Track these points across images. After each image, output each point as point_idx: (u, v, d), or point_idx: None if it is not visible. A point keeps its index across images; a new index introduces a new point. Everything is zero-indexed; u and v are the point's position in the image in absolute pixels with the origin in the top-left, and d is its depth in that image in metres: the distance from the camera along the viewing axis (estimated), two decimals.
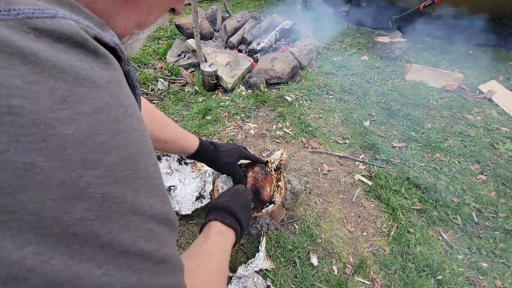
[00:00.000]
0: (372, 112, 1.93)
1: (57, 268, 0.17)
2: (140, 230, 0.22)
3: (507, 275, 1.07)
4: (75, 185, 0.18)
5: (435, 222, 1.25)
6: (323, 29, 3.35)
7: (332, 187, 1.38)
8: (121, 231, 0.20)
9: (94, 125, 0.19)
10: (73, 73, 0.18)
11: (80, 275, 0.18)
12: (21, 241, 0.16)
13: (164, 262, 0.24)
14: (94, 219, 0.19)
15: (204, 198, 1.19)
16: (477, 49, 3.07)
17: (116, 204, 0.20)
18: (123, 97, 0.22)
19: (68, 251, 0.18)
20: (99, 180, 0.19)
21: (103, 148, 0.19)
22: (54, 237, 0.17)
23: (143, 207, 0.22)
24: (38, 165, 0.16)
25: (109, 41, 0.23)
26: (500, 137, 1.77)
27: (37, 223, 0.16)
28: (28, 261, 0.16)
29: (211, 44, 2.43)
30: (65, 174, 0.17)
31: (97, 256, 0.19)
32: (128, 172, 0.21)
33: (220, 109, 1.87)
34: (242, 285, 0.95)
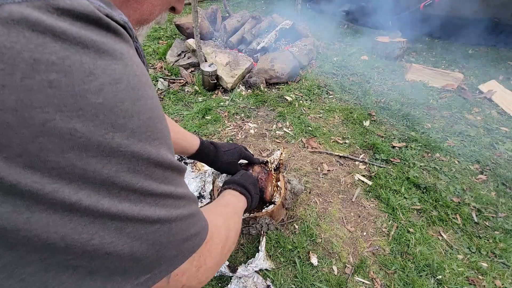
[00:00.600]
0: (372, 112, 1.93)
1: (105, 206, 0.22)
2: (160, 177, 0.27)
3: (507, 275, 1.07)
4: (109, 145, 0.21)
5: (435, 222, 1.25)
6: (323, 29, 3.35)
7: (332, 187, 1.38)
8: (147, 179, 0.25)
9: (117, 94, 0.22)
10: (94, 47, 0.21)
11: (125, 211, 0.23)
12: (74, 187, 0.20)
13: (181, 197, 0.30)
14: (126, 171, 0.23)
15: (204, 198, 1.19)
16: (477, 49, 3.07)
17: (141, 159, 0.24)
18: (135, 67, 0.24)
19: (110, 194, 0.22)
20: (127, 140, 0.23)
21: (127, 113, 0.23)
22: (98, 184, 0.21)
23: (163, 160, 0.27)
24: (79, 130, 0.19)
25: (119, 19, 0.25)
26: (500, 137, 1.77)
27: (84, 174, 0.20)
28: (83, 201, 0.21)
29: (211, 44, 2.43)
30: (100, 136, 0.21)
31: (132, 197, 0.24)
32: (149, 133, 0.25)
33: (220, 109, 1.87)
34: (242, 285, 0.95)
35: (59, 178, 0.19)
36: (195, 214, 0.34)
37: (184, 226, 0.31)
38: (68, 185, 0.20)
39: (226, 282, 0.98)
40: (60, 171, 0.19)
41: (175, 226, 0.29)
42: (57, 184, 0.19)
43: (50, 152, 0.19)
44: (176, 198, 0.30)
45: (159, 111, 0.27)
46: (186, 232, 0.32)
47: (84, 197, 0.21)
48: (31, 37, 0.18)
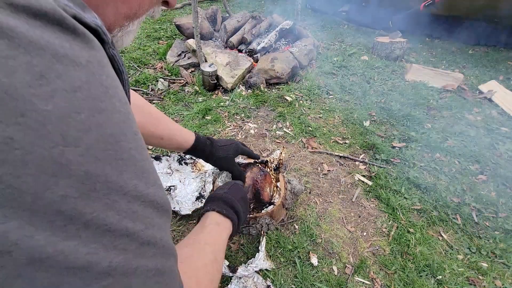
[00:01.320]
0: (372, 112, 1.93)
1: (41, 243, 0.17)
2: (124, 210, 0.22)
3: (507, 275, 1.07)
4: (57, 162, 0.17)
5: (435, 222, 1.25)
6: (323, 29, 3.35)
7: (332, 187, 1.38)
8: (105, 210, 0.20)
9: (73, 103, 0.19)
10: (50, 50, 0.18)
11: (65, 252, 0.18)
12: (2, 215, 0.16)
13: (150, 244, 0.24)
14: (77, 197, 0.18)
15: (204, 198, 1.19)
16: (477, 49, 3.07)
17: (99, 183, 0.20)
18: (104, 77, 0.21)
19: (52, 228, 0.17)
20: (81, 157, 0.19)
21: (83, 126, 0.19)
22: (37, 213, 0.17)
23: (127, 187, 0.22)
24: (17, 140, 0.16)
25: (90, 22, 0.22)
26: (500, 137, 1.77)
27: (18, 198, 0.16)
28: (11, 235, 0.16)
29: (211, 44, 2.43)
30: (45, 150, 0.17)
31: (82, 234, 0.19)
32: (110, 152, 0.21)
33: (220, 109, 1.87)
34: (242, 285, 0.95)
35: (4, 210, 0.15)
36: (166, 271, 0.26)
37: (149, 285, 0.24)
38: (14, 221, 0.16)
39: (226, 282, 0.98)
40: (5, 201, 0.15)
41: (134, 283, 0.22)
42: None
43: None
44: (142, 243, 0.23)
45: (128, 128, 0.23)
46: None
47: (13, 229, 0.16)
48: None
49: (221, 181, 1.10)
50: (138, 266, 0.23)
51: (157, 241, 0.25)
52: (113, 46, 0.27)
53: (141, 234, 0.23)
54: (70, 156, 0.18)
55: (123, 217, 0.22)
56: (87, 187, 0.19)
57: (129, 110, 0.24)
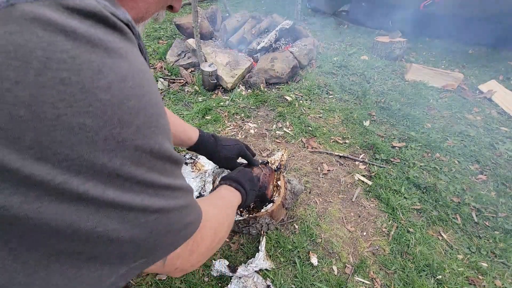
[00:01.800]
0: (372, 112, 1.93)
1: (110, 196, 0.23)
2: (161, 170, 0.28)
3: (507, 275, 1.07)
4: (116, 140, 0.22)
5: (435, 222, 1.25)
6: (323, 29, 3.35)
7: (332, 187, 1.38)
8: (148, 172, 0.26)
9: (124, 91, 0.23)
10: (102, 46, 0.22)
11: (128, 201, 0.25)
12: (82, 178, 0.21)
13: (178, 189, 0.32)
14: (130, 164, 0.24)
15: None
16: (477, 48, 3.07)
17: (145, 153, 0.25)
18: (139, 65, 0.25)
19: (115, 185, 0.23)
20: (132, 135, 0.24)
21: (133, 110, 0.24)
22: (105, 176, 0.23)
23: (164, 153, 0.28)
24: (88, 125, 0.21)
25: (123, 18, 0.26)
26: (500, 137, 1.77)
27: (91, 167, 0.21)
28: (90, 192, 0.22)
29: (211, 44, 2.43)
30: (108, 131, 0.22)
31: (135, 188, 0.25)
32: (153, 129, 0.26)
33: (220, 108, 1.87)
34: (242, 285, 0.95)
35: (68, 170, 0.20)
36: (191, 204, 0.36)
37: (181, 215, 0.33)
38: (77, 177, 0.21)
39: (226, 282, 0.98)
40: (69, 163, 0.20)
41: (172, 216, 0.31)
42: (66, 175, 0.20)
43: (61, 145, 0.20)
44: (174, 190, 0.31)
45: (161, 106, 0.29)
46: (182, 221, 0.33)
47: (91, 188, 0.22)
48: (44, 36, 0.19)
49: None
50: (175, 205, 0.31)
51: (182, 186, 0.33)
52: (139, 37, 0.31)
53: (173, 184, 0.30)
54: (125, 135, 0.23)
55: (160, 175, 0.28)
56: (137, 157, 0.25)
57: (156, 88, 0.29)
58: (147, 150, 0.26)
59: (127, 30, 0.25)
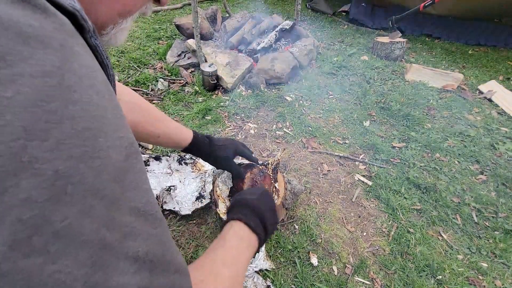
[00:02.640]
0: (372, 112, 1.93)
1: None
2: (101, 217, 0.18)
3: (507, 275, 1.07)
4: (17, 158, 0.14)
5: (435, 222, 1.25)
6: (323, 29, 3.35)
7: (332, 187, 1.38)
8: (80, 217, 0.17)
9: (41, 90, 0.16)
10: (14, 28, 0.16)
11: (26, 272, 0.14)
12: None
13: (131, 257, 0.20)
14: (44, 201, 0.15)
15: (204, 198, 1.19)
16: (477, 49, 3.07)
17: (72, 184, 0.17)
18: (76, 66, 0.19)
19: (11, 240, 0.14)
20: (49, 153, 0.16)
21: (53, 117, 0.16)
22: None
23: (105, 191, 0.19)
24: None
25: (66, 5, 0.20)
26: (500, 137, 1.77)
27: None
28: None
29: (211, 44, 2.43)
30: (2, 143, 0.14)
31: (51, 248, 0.15)
32: (86, 149, 0.18)
33: (220, 109, 1.87)
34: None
35: None
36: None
37: None
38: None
39: None
40: None
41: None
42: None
43: None
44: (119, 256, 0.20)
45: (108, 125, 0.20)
46: None
47: None
48: None
49: (221, 181, 1.10)
50: (120, 285, 0.19)
51: (141, 255, 0.21)
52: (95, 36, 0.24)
53: (120, 246, 0.20)
54: (35, 152, 0.15)
55: (102, 226, 0.18)
56: (58, 189, 0.16)
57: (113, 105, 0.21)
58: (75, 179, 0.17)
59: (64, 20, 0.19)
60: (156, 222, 0.24)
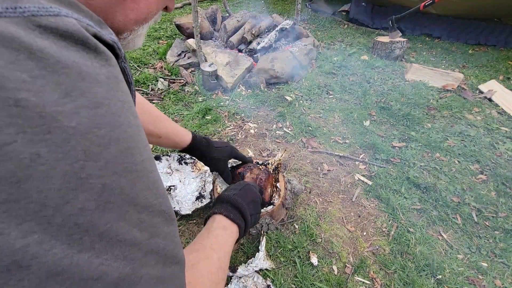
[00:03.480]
0: (372, 112, 1.93)
1: (58, 256, 0.18)
2: (134, 220, 0.23)
3: (507, 275, 1.07)
4: (77, 176, 0.18)
5: (435, 221, 1.25)
6: (323, 29, 3.35)
7: (332, 186, 1.38)
8: (117, 221, 0.21)
9: (94, 119, 0.20)
10: (75, 68, 0.19)
11: (79, 265, 0.18)
12: (25, 229, 0.16)
13: (154, 252, 0.25)
14: (94, 209, 0.19)
15: (204, 198, 1.19)
16: (477, 48, 3.07)
17: (114, 195, 0.21)
18: (120, 93, 0.23)
19: (69, 240, 0.18)
20: (100, 171, 0.20)
21: (103, 141, 0.20)
22: (56, 226, 0.17)
23: (138, 198, 0.23)
24: (43, 156, 0.17)
25: (108, 39, 0.24)
26: (500, 136, 1.77)
27: (41, 212, 0.17)
28: (31, 249, 0.16)
29: (211, 44, 2.43)
30: (68, 165, 0.18)
31: (96, 245, 0.20)
32: (126, 165, 0.22)
33: (220, 108, 1.87)
34: (242, 284, 0.95)
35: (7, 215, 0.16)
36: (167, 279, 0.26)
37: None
38: (19, 226, 0.16)
39: (226, 282, 0.98)
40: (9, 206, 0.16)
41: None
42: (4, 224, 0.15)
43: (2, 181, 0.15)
44: (147, 252, 0.24)
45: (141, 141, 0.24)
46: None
47: (34, 243, 0.16)
48: (3, 54, 0.16)
49: (221, 181, 1.10)
50: (143, 275, 0.23)
51: (160, 250, 0.26)
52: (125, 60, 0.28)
53: (147, 243, 0.24)
54: (90, 170, 0.19)
55: (133, 227, 0.22)
56: (103, 200, 0.20)
57: (139, 123, 0.25)
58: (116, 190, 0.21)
59: (109, 55, 0.23)
60: (171, 222, 0.28)
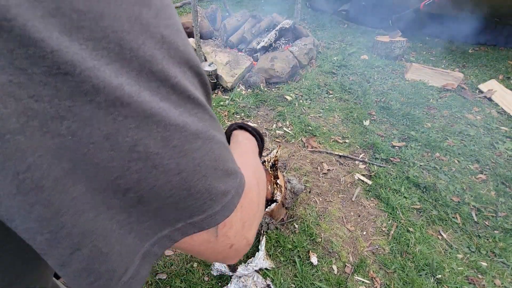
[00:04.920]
0: (372, 112, 1.93)
1: (147, 99, 0.19)
2: (193, 82, 0.23)
3: (507, 274, 1.07)
4: (139, 21, 0.18)
5: (434, 221, 1.25)
6: (323, 28, 3.35)
7: (332, 186, 1.38)
8: (183, 77, 0.21)
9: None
10: None
11: (165, 110, 0.20)
12: (115, 69, 0.17)
13: (215, 119, 0.26)
14: (162, 58, 0.20)
15: None
16: (477, 48, 3.07)
17: (173, 48, 0.21)
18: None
19: (149, 87, 0.19)
20: (154, 20, 0.20)
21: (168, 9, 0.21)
22: (136, 71, 0.18)
23: (193, 60, 0.23)
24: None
25: None
26: (500, 136, 1.77)
27: (120, 54, 0.18)
28: (126, 88, 0.18)
29: (211, 43, 2.43)
30: (130, 5, 0.18)
31: (172, 97, 0.20)
32: (173, 21, 0.22)
33: (220, 108, 1.87)
34: (242, 284, 0.95)
35: (96, 53, 0.17)
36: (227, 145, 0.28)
37: (224, 154, 0.26)
38: (108, 66, 0.17)
39: (226, 281, 0.98)
40: (96, 44, 0.17)
41: (216, 148, 0.24)
42: (97, 61, 0.16)
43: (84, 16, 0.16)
44: (212, 116, 0.25)
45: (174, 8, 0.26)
46: (226, 164, 0.26)
47: (126, 84, 0.18)
48: None
49: None
50: (215, 135, 0.24)
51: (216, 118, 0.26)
52: None
53: (208, 108, 0.24)
54: (147, 16, 0.19)
55: (195, 88, 0.23)
56: (166, 51, 0.20)
57: None
58: (174, 45, 0.21)
59: None
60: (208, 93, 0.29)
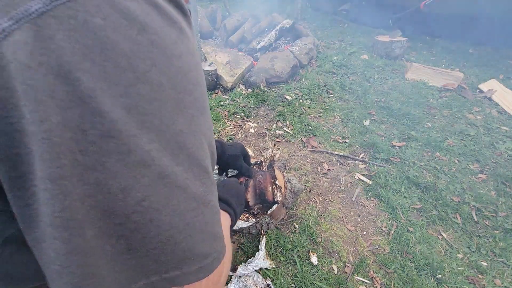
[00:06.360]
0: (372, 111, 1.93)
1: (166, 164, 0.23)
2: (205, 151, 0.28)
3: (507, 274, 1.07)
4: (179, 104, 0.24)
5: (435, 221, 1.25)
6: (323, 28, 3.34)
7: (332, 186, 1.38)
8: (198, 148, 0.26)
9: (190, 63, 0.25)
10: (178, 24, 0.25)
11: (176, 173, 0.24)
12: (149, 138, 0.22)
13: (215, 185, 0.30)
14: (187, 133, 0.25)
15: None
16: (477, 48, 3.06)
17: (198, 125, 0.26)
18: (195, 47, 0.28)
19: (171, 154, 0.23)
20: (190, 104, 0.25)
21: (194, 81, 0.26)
22: (165, 141, 0.23)
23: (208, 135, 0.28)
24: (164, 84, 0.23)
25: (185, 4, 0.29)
26: (500, 136, 1.77)
27: (159, 126, 0.22)
28: (152, 153, 0.22)
29: (211, 43, 2.43)
30: (176, 94, 0.23)
31: (185, 163, 0.25)
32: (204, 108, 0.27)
33: (220, 108, 1.87)
34: (242, 284, 0.95)
35: (142, 125, 0.21)
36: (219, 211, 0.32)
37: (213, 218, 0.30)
38: (146, 135, 0.22)
39: (226, 281, 0.98)
40: (144, 119, 0.21)
41: (207, 212, 0.28)
42: (140, 130, 0.21)
43: (143, 99, 0.21)
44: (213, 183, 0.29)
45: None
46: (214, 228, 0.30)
47: (154, 150, 0.22)
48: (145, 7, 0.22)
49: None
50: (211, 200, 0.28)
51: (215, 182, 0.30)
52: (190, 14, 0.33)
53: (212, 175, 0.29)
54: (186, 102, 0.24)
55: (206, 157, 0.27)
56: (192, 128, 0.25)
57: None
58: (199, 124, 0.26)
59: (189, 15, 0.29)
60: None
